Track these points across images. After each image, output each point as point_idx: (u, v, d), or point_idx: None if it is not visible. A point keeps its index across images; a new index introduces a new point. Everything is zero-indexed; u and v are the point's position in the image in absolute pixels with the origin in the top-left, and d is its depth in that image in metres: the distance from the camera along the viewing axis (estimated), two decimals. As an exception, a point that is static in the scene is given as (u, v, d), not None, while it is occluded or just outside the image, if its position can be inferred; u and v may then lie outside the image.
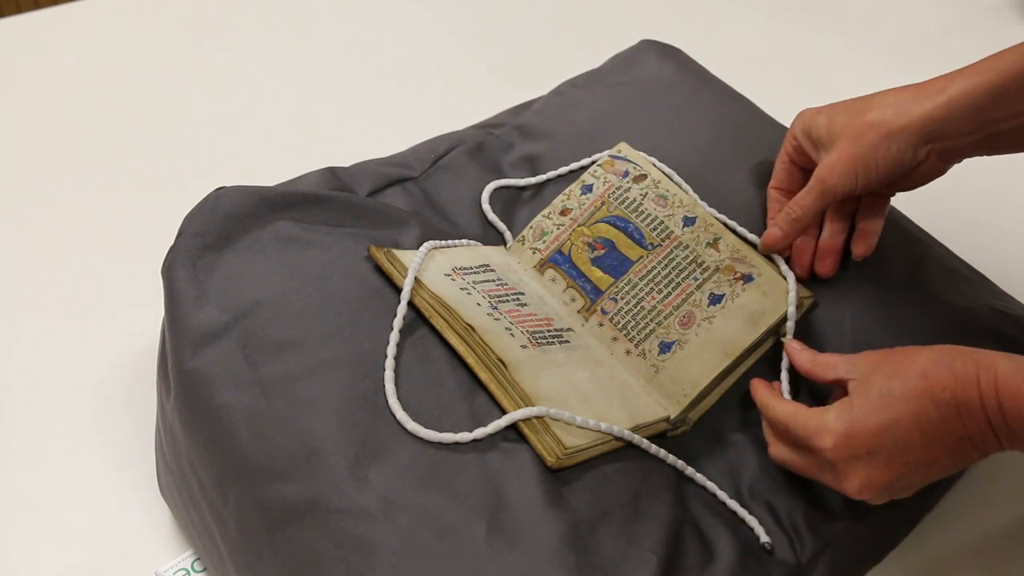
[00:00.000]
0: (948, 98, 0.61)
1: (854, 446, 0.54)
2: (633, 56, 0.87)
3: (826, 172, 0.64)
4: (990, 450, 0.54)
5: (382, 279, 0.65)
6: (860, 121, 0.63)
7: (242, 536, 0.57)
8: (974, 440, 0.53)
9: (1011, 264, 0.87)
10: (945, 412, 0.53)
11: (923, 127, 0.62)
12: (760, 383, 0.63)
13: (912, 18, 1.24)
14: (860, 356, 0.58)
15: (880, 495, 0.56)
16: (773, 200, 0.70)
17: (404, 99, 1.09)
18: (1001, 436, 0.52)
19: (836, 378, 0.58)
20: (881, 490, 0.55)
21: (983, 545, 0.69)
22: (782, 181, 0.70)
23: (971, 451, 0.54)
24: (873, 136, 0.62)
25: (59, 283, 0.87)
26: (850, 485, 0.55)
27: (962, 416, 0.52)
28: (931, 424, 0.53)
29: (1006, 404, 0.51)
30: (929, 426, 0.53)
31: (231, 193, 0.67)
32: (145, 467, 0.72)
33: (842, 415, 0.55)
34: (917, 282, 0.69)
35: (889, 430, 0.53)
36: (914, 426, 0.53)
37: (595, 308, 0.69)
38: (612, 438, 0.60)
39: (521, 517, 0.54)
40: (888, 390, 0.54)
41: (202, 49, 1.16)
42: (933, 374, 0.53)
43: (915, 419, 0.53)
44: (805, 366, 0.61)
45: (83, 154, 1.00)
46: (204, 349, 0.61)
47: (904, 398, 0.53)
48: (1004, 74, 0.60)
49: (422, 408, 0.59)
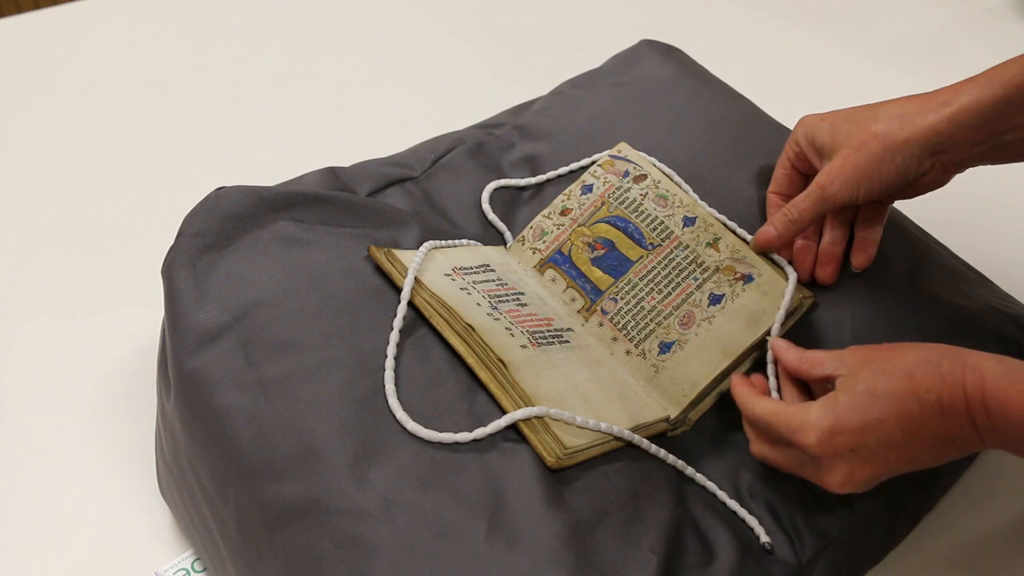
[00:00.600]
0: (953, 111, 0.61)
1: (837, 443, 0.54)
2: (633, 56, 0.87)
3: (827, 180, 0.64)
4: (971, 450, 0.54)
5: (382, 279, 0.65)
6: (865, 131, 0.63)
7: (242, 536, 0.57)
8: (956, 441, 0.53)
9: (1011, 264, 0.87)
10: (929, 413, 0.53)
11: (928, 140, 0.61)
12: (740, 380, 0.62)
13: (912, 18, 1.24)
14: (848, 351, 0.58)
15: (862, 488, 0.56)
16: (772, 205, 0.70)
17: (404, 99, 1.09)
18: (985, 438, 0.53)
19: (824, 375, 0.58)
20: (863, 485, 0.55)
21: (983, 545, 0.69)
22: (782, 186, 0.70)
23: (951, 451, 0.54)
24: (877, 147, 0.62)
25: (59, 283, 0.87)
26: (832, 480, 0.55)
27: (946, 418, 0.52)
28: (914, 424, 0.53)
29: (992, 407, 0.51)
30: (912, 426, 0.53)
31: (231, 193, 0.67)
32: (145, 467, 0.72)
33: (826, 412, 0.55)
34: (917, 282, 0.69)
35: (872, 429, 0.53)
36: (897, 426, 0.53)
37: (595, 308, 0.69)
38: (612, 438, 0.60)
39: (521, 517, 0.54)
40: (874, 388, 0.54)
41: (202, 49, 1.16)
42: (920, 374, 0.53)
43: (899, 419, 0.53)
44: (792, 364, 0.61)
45: (83, 154, 1.00)
46: (204, 349, 0.61)
47: (889, 397, 0.53)
48: (1009, 86, 0.60)
49: (422, 408, 0.59)
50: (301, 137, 1.03)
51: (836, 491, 0.56)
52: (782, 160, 0.70)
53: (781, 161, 0.70)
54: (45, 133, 1.03)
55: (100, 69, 1.12)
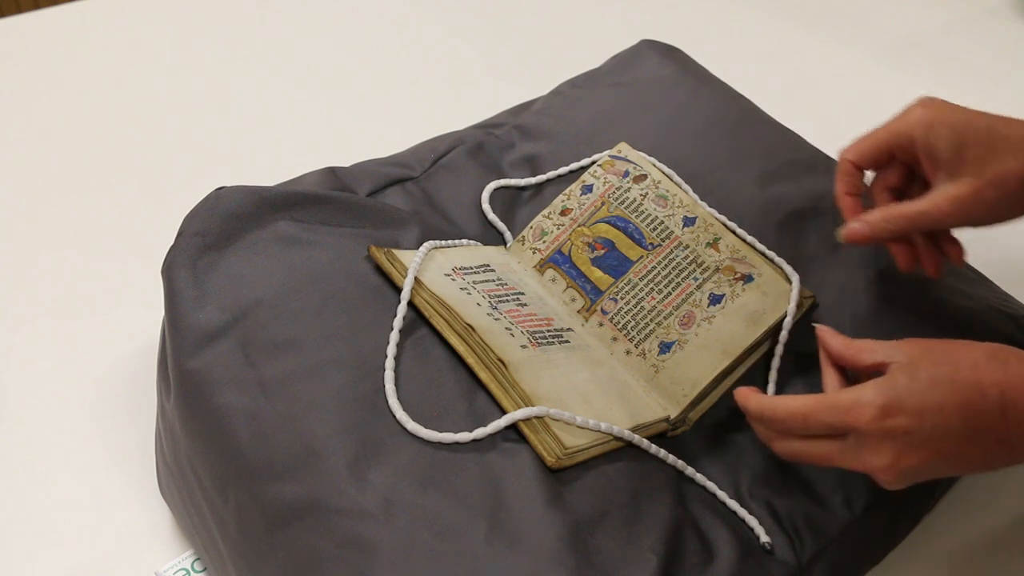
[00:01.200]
0: None
1: (892, 424, 0.52)
2: (633, 56, 0.87)
3: (949, 209, 0.59)
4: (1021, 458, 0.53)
5: (382, 279, 0.65)
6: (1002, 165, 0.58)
7: (242, 536, 0.57)
8: (1013, 442, 0.52)
9: (1011, 264, 0.87)
10: (991, 407, 0.51)
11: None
12: (746, 391, 0.59)
13: (912, 18, 1.24)
14: (904, 342, 0.56)
15: (901, 480, 0.53)
16: (844, 172, 0.64)
17: (404, 99, 1.09)
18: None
19: (875, 362, 0.55)
20: (906, 474, 0.53)
21: (983, 545, 0.69)
22: (863, 158, 0.64)
23: (1004, 456, 0.52)
24: (1016, 187, 0.58)
25: (59, 283, 0.87)
26: (878, 462, 0.53)
27: (1006, 416, 0.51)
28: (975, 417, 0.51)
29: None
30: (972, 418, 0.51)
31: (231, 193, 0.67)
32: (145, 467, 0.72)
33: (883, 390, 0.52)
34: (917, 282, 0.69)
35: (931, 413, 0.51)
36: (957, 415, 0.51)
37: (595, 308, 0.69)
38: (612, 438, 0.60)
39: (521, 517, 0.54)
40: (936, 374, 0.52)
41: (202, 49, 1.16)
42: (986, 368, 0.52)
43: (960, 408, 0.51)
44: (838, 350, 0.58)
45: (83, 154, 1.00)
46: (204, 349, 0.61)
47: (953, 384, 0.52)
48: None
49: (422, 408, 0.59)
50: (301, 137, 1.03)
51: (879, 476, 0.53)
52: (879, 134, 0.63)
53: (876, 134, 0.63)
54: (45, 133, 1.03)
55: (100, 69, 1.12)
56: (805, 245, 0.71)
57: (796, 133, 0.80)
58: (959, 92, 0.74)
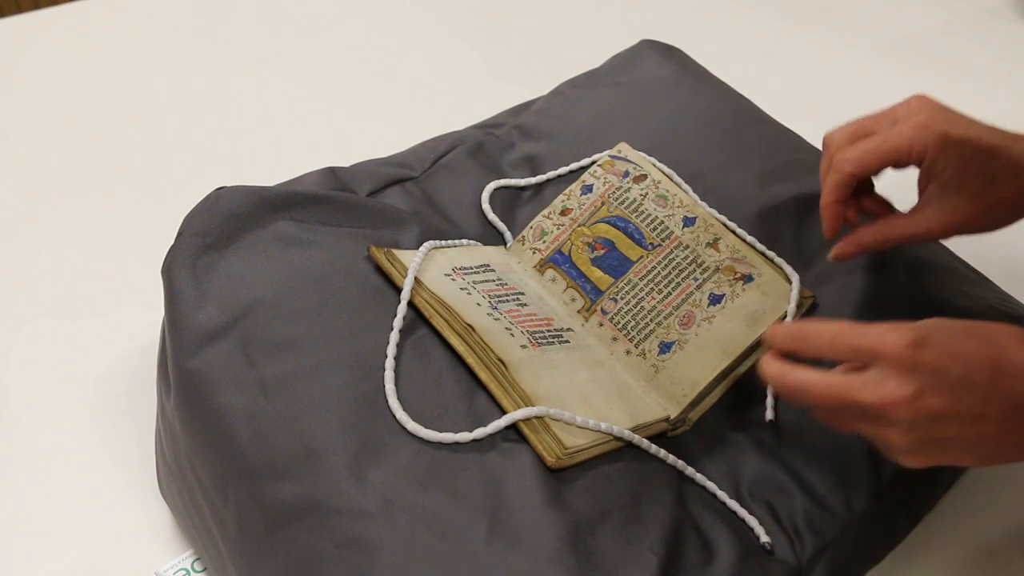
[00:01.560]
0: None
1: (922, 356, 0.51)
2: (633, 56, 0.87)
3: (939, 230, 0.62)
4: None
5: (382, 279, 0.65)
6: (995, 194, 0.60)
7: (242, 536, 0.57)
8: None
9: (1011, 264, 0.87)
10: (1011, 368, 0.52)
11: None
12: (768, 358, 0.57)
13: (912, 18, 1.24)
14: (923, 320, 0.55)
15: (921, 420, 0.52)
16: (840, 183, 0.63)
17: (404, 99, 1.09)
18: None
19: None
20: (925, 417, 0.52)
21: (983, 545, 0.69)
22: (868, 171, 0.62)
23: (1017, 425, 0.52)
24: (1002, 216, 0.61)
25: (59, 283, 0.87)
26: (900, 392, 0.51)
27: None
28: (998, 373, 0.52)
29: None
30: (996, 375, 0.52)
31: (231, 193, 0.67)
32: (145, 467, 0.72)
33: (917, 327, 0.52)
34: (917, 282, 0.69)
35: (962, 359, 0.52)
36: (984, 367, 0.52)
37: (595, 308, 0.69)
38: (612, 438, 0.60)
39: (521, 517, 0.54)
40: (969, 328, 0.53)
41: (202, 49, 1.16)
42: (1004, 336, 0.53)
43: (986, 361, 0.52)
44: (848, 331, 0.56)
45: (83, 154, 1.00)
46: (204, 349, 0.61)
47: (980, 340, 0.52)
48: None
49: (422, 408, 0.59)
50: (301, 137, 1.03)
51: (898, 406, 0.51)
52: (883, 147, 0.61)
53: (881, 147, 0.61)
54: (45, 133, 1.03)
55: (100, 69, 1.12)
56: (805, 245, 0.71)
57: (796, 133, 0.80)
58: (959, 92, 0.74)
